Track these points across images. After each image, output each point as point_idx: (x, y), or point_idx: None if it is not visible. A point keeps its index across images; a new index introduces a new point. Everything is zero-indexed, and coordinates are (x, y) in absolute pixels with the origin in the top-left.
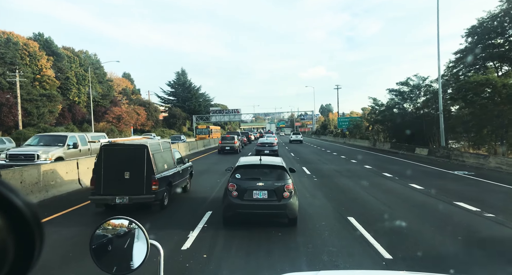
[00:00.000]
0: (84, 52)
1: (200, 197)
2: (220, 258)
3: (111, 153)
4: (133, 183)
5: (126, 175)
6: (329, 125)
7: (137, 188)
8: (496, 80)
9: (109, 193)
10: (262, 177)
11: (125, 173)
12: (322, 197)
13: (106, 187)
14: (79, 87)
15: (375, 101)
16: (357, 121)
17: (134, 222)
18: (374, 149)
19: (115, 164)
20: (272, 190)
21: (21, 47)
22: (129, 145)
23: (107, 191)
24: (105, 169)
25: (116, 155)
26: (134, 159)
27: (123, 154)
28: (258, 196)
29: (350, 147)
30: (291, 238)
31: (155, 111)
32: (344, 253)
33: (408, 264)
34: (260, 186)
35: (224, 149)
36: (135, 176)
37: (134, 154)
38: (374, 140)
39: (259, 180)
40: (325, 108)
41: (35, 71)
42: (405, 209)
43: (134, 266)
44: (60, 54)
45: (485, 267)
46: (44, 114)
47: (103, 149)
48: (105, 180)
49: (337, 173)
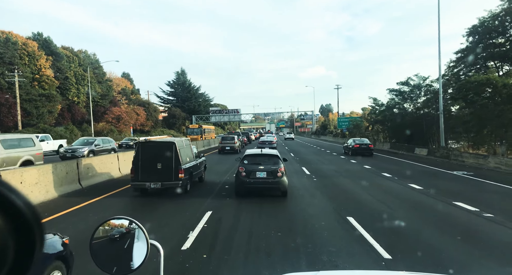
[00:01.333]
0: (83, 51)
1: (200, 196)
2: (220, 258)
3: (146, 149)
4: (164, 172)
5: (158, 165)
6: (329, 125)
7: (167, 176)
8: (497, 80)
9: (145, 180)
10: (262, 163)
11: (158, 164)
12: (321, 197)
13: (143, 175)
14: (78, 87)
15: (375, 101)
16: (357, 121)
17: (134, 222)
18: (374, 150)
19: (150, 157)
20: (270, 171)
21: (20, 46)
22: (160, 142)
23: (144, 178)
24: (142, 161)
25: (150, 150)
26: (164, 153)
27: (156, 149)
28: (260, 175)
29: None
30: (291, 237)
31: (154, 111)
32: (344, 253)
33: (407, 264)
34: (261, 168)
35: (225, 149)
36: (166, 166)
37: (164, 149)
38: (374, 140)
39: (260, 164)
40: (325, 108)
41: (34, 71)
42: (404, 209)
43: (134, 266)
44: (59, 53)
45: (484, 267)
46: (43, 114)
47: (140, 145)
48: (142, 170)
49: (337, 173)
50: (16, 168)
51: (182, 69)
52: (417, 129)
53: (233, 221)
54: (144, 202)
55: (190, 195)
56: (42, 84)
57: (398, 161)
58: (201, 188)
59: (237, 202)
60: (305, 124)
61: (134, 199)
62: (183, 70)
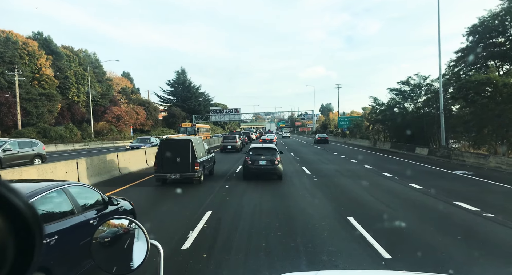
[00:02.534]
0: (83, 51)
1: (201, 195)
2: (220, 258)
3: (167, 145)
4: (182, 164)
5: (178, 159)
6: (330, 125)
7: (185, 168)
8: (497, 79)
9: (166, 171)
10: (263, 154)
11: (177, 158)
12: (322, 197)
13: (164, 167)
14: (78, 87)
15: (376, 101)
16: (358, 120)
17: (134, 222)
18: (374, 149)
19: (170, 152)
20: (269, 160)
21: (20, 46)
22: (179, 139)
23: (165, 170)
24: (163, 155)
25: (170, 146)
26: (183, 149)
27: (175, 145)
28: (261, 163)
29: (351, 147)
30: (291, 237)
31: (154, 110)
32: (344, 253)
33: (408, 264)
34: (262, 158)
35: (226, 148)
36: (184, 160)
37: (183, 146)
38: (374, 140)
39: (262, 155)
40: (326, 108)
41: (34, 70)
42: (405, 209)
43: (134, 266)
44: (59, 53)
45: (485, 267)
46: (43, 113)
47: (162, 142)
48: (164, 163)
49: (337, 173)
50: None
51: (182, 68)
52: (417, 129)
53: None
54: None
55: (189, 194)
56: (42, 84)
57: (398, 161)
58: (202, 187)
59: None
60: (305, 124)
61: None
62: (183, 70)
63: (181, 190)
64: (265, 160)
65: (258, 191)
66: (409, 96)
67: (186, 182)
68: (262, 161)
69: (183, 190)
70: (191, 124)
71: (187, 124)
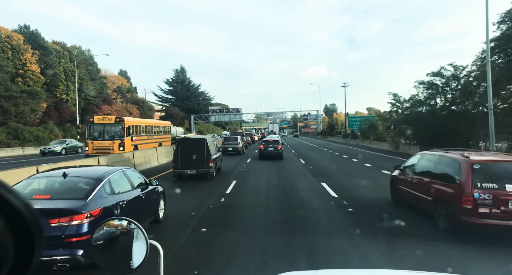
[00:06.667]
0: (77, 47)
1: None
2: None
3: (184, 143)
4: (198, 161)
5: (194, 156)
6: (336, 125)
7: (200, 164)
8: None
9: (184, 167)
10: (271, 143)
11: (193, 155)
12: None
13: (182, 163)
14: (68, 84)
15: (396, 97)
16: (371, 120)
17: (133, 222)
18: (399, 154)
19: (187, 150)
20: (275, 147)
21: (3, 39)
22: (195, 138)
23: (183, 166)
24: (181, 153)
25: (187, 144)
26: (198, 147)
27: (192, 144)
28: (270, 149)
29: (368, 151)
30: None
31: (149, 110)
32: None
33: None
34: (270, 146)
35: (227, 150)
36: (199, 157)
37: (198, 144)
38: (396, 143)
39: (270, 144)
40: (329, 108)
41: (17, 65)
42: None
43: (134, 266)
44: (47, 48)
45: None
46: (24, 112)
47: (179, 141)
48: (181, 159)
49: (373, 192)
50: None
51: (181, 67)
52: (453, 130)
53: None
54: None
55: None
56: (26, 80)
57: None
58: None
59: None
60: (308, 124)
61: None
62: (182, 68)
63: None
64: (272, 147)
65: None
66: (443, 91)
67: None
68: (270, 147)
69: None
70: (115, 120)
71: (105, 119)
